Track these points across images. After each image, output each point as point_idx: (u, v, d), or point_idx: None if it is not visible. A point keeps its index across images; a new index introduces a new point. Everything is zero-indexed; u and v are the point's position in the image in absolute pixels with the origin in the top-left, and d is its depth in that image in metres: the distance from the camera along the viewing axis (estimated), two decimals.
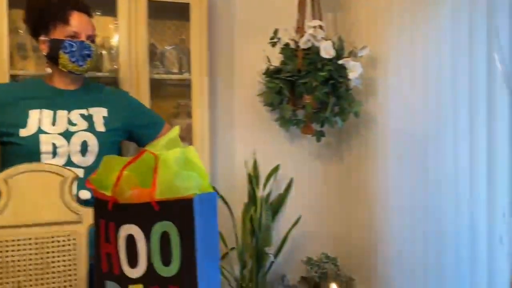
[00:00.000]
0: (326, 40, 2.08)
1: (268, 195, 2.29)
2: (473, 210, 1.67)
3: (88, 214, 1.24)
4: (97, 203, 0.98)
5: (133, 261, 0.92)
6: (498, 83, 1.63)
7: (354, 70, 2.08)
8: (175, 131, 0.96)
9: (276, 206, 2.37)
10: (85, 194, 1.42)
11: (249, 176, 2.25)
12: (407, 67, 2.00)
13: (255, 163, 2.33)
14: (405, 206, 2.02)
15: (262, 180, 2.31)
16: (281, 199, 2.39)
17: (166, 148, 0.94)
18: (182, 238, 0.90)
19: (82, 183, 1.32)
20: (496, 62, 1.56)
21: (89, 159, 1.50)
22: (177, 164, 0.90)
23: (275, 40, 2.16)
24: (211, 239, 0.99)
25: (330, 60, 2.08)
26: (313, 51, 2.08)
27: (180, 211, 0.90)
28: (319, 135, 2.30)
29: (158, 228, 0.90)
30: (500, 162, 1.58)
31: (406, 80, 2.01)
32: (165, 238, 0.90)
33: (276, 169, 2.35)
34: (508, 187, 1.51)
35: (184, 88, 2.13)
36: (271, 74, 2.18)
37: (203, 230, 0.94)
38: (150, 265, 0.90)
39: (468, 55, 1.72)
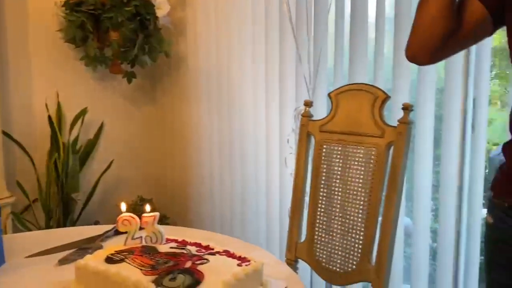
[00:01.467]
0: None
1: (76, 139, 2.15)
2: (269, 143, 1.85)
3: None
4: None
5: None
6: (288, 27, 1.77)
7: (162, 8, 2.03)
8: None
9: (86, 151, 2.24)
10: None
11: (50, 120, 2.05)
12: (213, 9, 2.03)
13: (58, 105, 2.13)
14: (214, 145, 2.12)
15: (68, 125, 2.15)
16: (91, 144, 2.27)
17: None
18: None
19: None
20: (284, 7, 1.68)
21: None
22: None
23: None
24: None
25: None
26: None
27: None
28: (130, 76, 2.21)
29: None
30: (289, 100, 1.77)
31: (212, 22, 2.05)
32: None
33: (83, 112, 2.20)
34: (291, 120, 1.71)
35: None
36: (72, 6, 1.98)
37: None
38: None
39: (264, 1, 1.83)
